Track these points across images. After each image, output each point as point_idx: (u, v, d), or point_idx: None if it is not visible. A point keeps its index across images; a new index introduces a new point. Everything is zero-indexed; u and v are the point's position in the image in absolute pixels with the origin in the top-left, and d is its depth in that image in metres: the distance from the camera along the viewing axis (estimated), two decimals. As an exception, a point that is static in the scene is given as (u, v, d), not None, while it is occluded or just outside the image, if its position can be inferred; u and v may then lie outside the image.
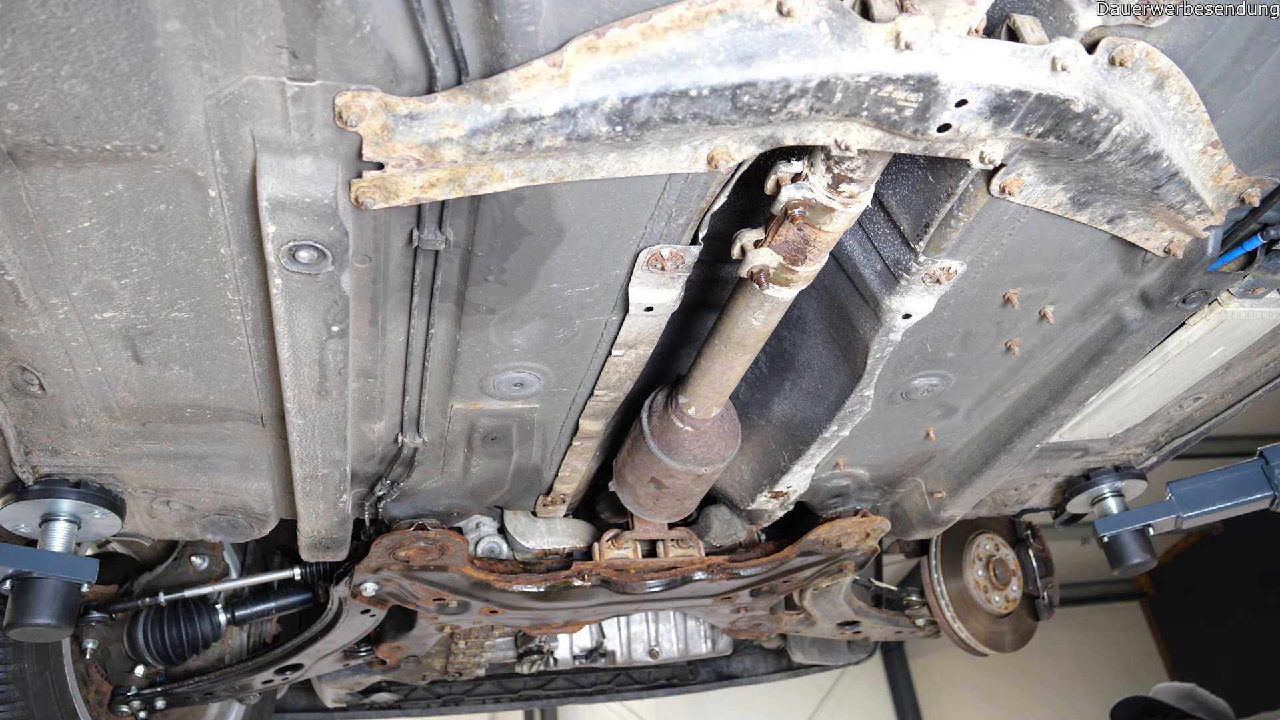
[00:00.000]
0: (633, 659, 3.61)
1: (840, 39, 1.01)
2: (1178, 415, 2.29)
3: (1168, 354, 1.88)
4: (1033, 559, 3.24)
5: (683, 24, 0.99)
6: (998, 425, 2.10)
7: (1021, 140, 1.16)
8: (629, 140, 1.06)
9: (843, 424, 1.86)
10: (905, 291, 1.49)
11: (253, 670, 2.70)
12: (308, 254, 1.16)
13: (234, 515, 1.91)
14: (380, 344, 1.52)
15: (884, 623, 3.37)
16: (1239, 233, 1.51)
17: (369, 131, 1.03)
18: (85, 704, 2.43)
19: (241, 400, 1.56)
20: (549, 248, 1.33)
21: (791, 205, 1.26)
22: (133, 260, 1.23)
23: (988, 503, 2.64)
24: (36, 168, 1.07)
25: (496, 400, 1.72)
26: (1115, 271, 1.64)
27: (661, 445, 1.89)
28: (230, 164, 1.09)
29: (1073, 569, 7.82)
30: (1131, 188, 1.31)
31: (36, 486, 1.70)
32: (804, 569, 2.68)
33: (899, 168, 1.39)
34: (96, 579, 1.87)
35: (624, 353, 1.63)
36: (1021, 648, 3.26)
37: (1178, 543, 8.47)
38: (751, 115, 1.05)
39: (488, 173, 1.10)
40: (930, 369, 1.84)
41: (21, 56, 0.92)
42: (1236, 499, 2.29)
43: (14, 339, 1.33)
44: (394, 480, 1.92)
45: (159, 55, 0.94)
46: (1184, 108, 1.23)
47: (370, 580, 2.28)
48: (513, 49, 0.99)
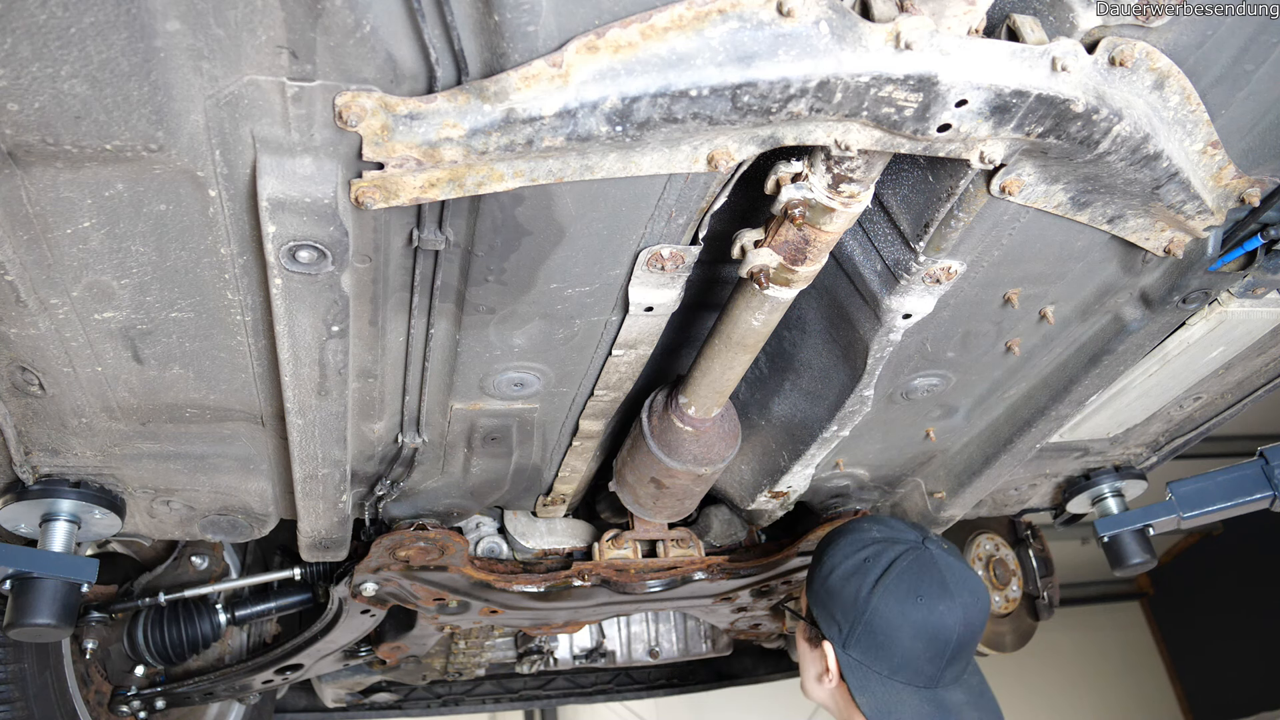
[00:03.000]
0: (633, 659, 3.61)
1: (840, 39, 1.01)
2: (1178, 415, 2.29)
3: (1168, 354, 1.88)
4: (1033, 559, 3.24)
5: (683, 24, 0.99)
6: (998, 425, 2.10)
7: (1021, 140, 1.16)
8: (629, 140, 1.06)
9: (843, 424, 1.86)
10: (905, 291, 1.49)
11: (253, 670, 2.70)
12: (308, 254, 1.16)
13: (234, 515, 1.91)
14: (380, 344, 1.52)
15: (884, 623, 3.36)
16: (1239, 233, 1.51)
17: (369, 131, 1.03)
18: (85, 704, 2.43)
19: (241, 400, 1.56)
20: (549, 248, 1.33)
21: (791, 205, 1.26)
22: (133, 260, 1.23)
23: (988, 503, 2.64)
24: (36, 168, 1.06)
25: (496, 400, 1.72)
26: (1115, 271, 1.64)
27: (661, 445, 1.89)
28: (230, 164, 1.09)
29: (1073, 569, 7.81)
30: (1131, 188, 1.31)
31: (36, 486, 1.70)
32: (804, 569, 2.68)
33: (899, 168, 1.39)
34: (96, 579, 1.87)
35: (624, 353, 1.63)
36: (1021, 648, 3.26)
37: (1178, 543, 8.46)
38: (751, 115, 1.05)
39: (488, 173, 1.10)
40: (930, 369, 1.84)
41: (21, 56, 0.92)
42: (1236, 499, 2.29)
43: (14, 339, 1.33)
44: (394, 480, 1.92)
45: (159, 55, 0.94)
46: (1184, 108, 1.23)
47: (370, 580, 2.28)
48: (513, 49, 0.99)
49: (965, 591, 1.68)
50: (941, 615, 1.65)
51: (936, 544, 1.77)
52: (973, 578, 1.73)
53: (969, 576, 1.73)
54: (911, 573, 1.69)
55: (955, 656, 1.66)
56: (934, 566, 1.70)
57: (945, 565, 1.71)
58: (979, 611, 1.69)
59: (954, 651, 1.65)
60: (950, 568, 1.71)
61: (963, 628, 1.65)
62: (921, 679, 1.65)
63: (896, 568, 1.69)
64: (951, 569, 1.71)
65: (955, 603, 1.66)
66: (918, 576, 1.68)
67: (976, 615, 1.69)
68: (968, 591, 1.69)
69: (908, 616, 1.65)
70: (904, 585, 1.67)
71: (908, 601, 1.65)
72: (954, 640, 1.64)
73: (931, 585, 1.67)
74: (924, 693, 1.65)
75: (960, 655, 1.67)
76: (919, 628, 1.64)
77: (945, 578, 1.68)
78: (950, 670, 1.66)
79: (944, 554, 1.74)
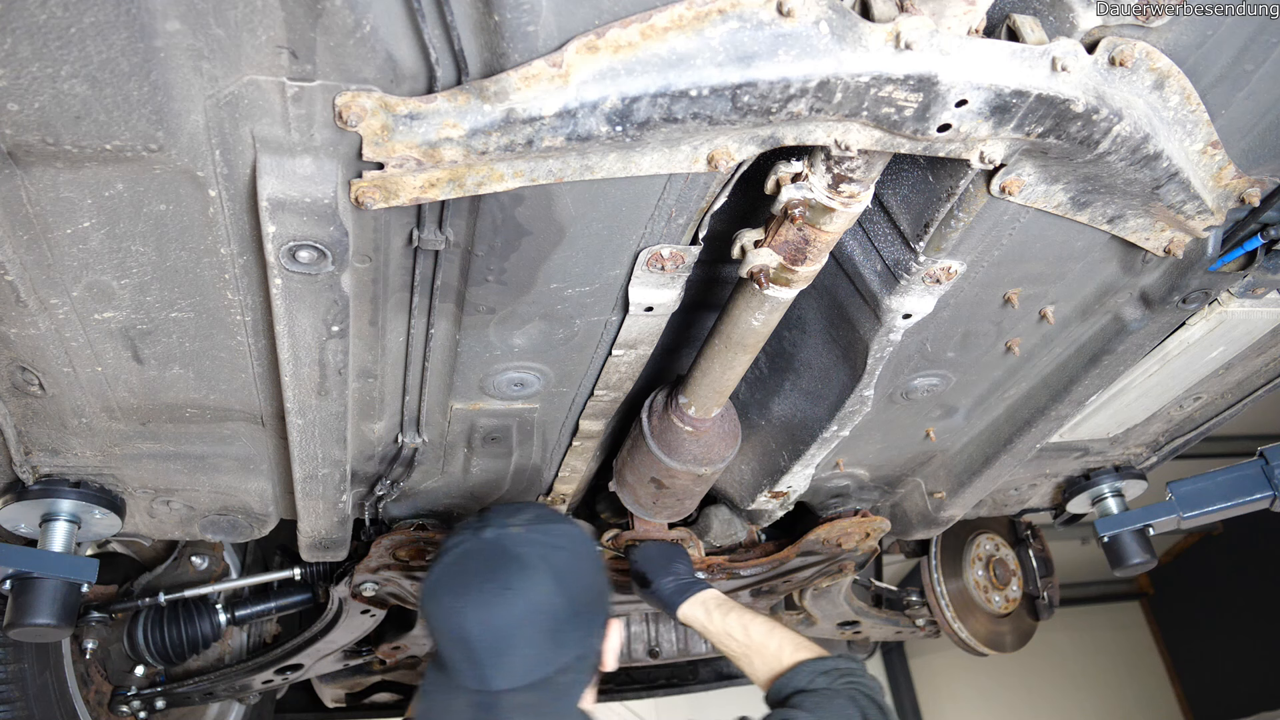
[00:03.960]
0: (633, 659, 3.60)
1: (840, 39, 1.01)
2: (1178, 415, 2.29)
3: (1168, 354, 1.88)
4: (1033, 559, 3.23)
5: (683, 24, 0.99)
6: (998, 425, 2.10)
7: (1021, 140, 1.16)
8: (629, 140, 1.06)
9: (843, 424, 1.86)
10: (905, 291, 1.49)
11: (253, 670, 2.70)
12: (308, 254, 1.16)
13: (234, 515, 1.91)
14: (380, 344, 1.52)
15: (884, 623, 3.37)
16: (1239, 233, 1.51)
17: (369, 131, 1.03)
18: (85, 704, 2.43)
19: (241, 400, 1.56)
20: (549, 248, 1.33)
21: (791, 205, 1.26)
22: (133, 260, 1.23)
23: (988, 503, 2.64)
24: (36, 168, 1.06)
25: (496, 400, 1.72)
26: (1115, 271, 1.64)
27: (661, 445, 1.89)
28: (230, 164, 1.09)
29: (1073, 569, 7.81)
30: (1131, 188, 1.31)
31: (36, 486, 1.70)
32: (804, 569, 2.68)
33: (899, 168, 1.39)
34: (96, 579, 1.87)
35: (624, 353, 1.63)
36: (1021, 648, 3.26)
37: (1178, 543, 8.46)
38: (751, 115, 1.05)
39: (488, 173, 1.10)
40: (930, 369, 1.84)
41: (21, 56, 0.92)
42: (1236, 499, 2.29)
43: (14, 339, 1.33)
44: (394, 480, 1.92)
45: (159, 55, 0.94)
46: (1184, 108, 1.23)
47: (370, 580, 2.28)
48: (513, 49, 0.99)
49: (494, 585, 1.51)
50: (454, 613, 1.51)
51: (499, 529, 1.59)
52: (524, 567, 1.53)
53: (522, 566, 1.54)
54: (452, 569, 1.57)
55: (487, 656, 1.48)
56: (476, 557, 1.56)
57: (490, 555, 1.56)
58: (504, 606, 1.49)
59: (482, 651, 1.48)
60: (495, 558, 1.55)
61: (480, 626, 1.48)
62: (471, 680, 1.50)
63: (440, 564, 1.59)
64: (497, 559, 1.55)
65: (467, 600, 1.50)
66: (457, 571, 1.56)
67: (500, 611, 1.49)
68: (496, 585, 1.51)
69: (433, 617, 1.54)
70: (441, 582, 1.56)
71: (433, 601, 1.54)
72: (472, 638, 1.48)
73: (462, 579, 1.54)
74: (473, 695, 1.49)
75: (494, 653, 1.48)
76: (441, 627, 1.52)
77: (489, 568, 1.53)
78: (491, 671, 1.48)
79: (497, 543, 1.57)
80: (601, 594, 1.67)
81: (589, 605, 1.60)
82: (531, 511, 1.69)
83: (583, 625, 1.57)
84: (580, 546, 1.66)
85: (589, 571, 1.65)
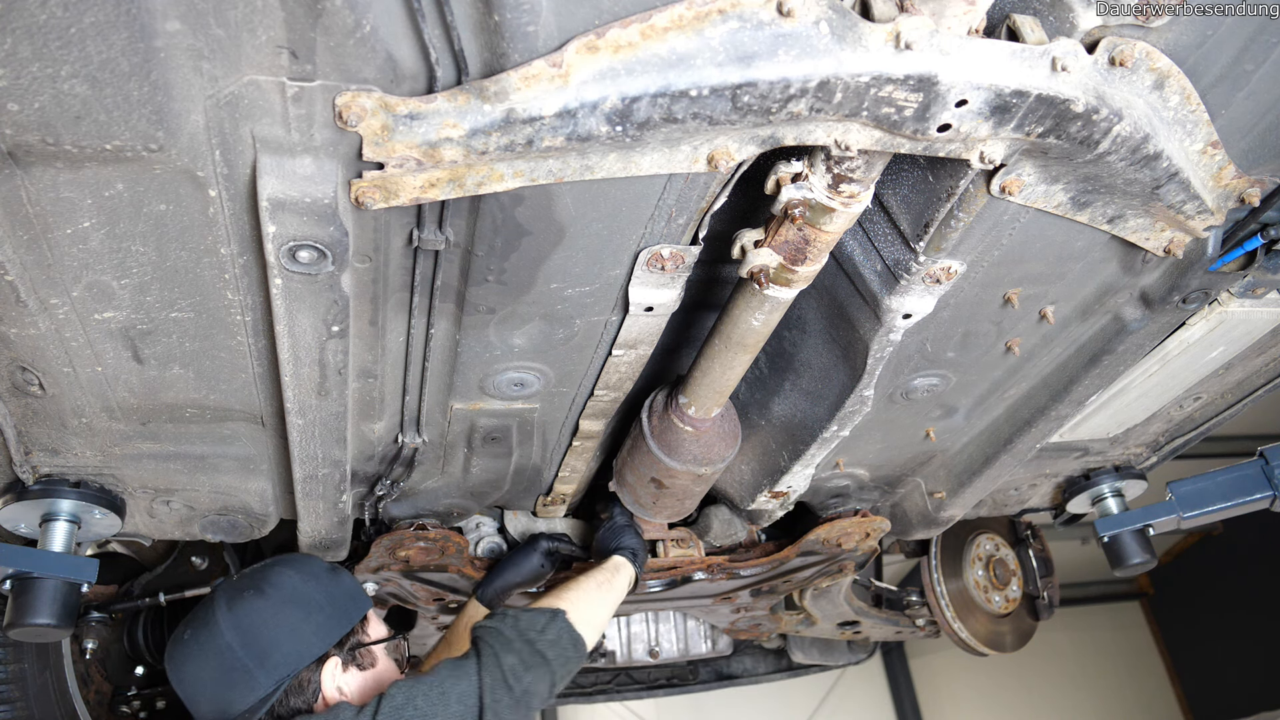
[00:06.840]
0: (633, 659, 3.61)
1: (840, 39, 1.01)
2: (1178, 415, 2.29)
3: (1168, 354, 1.88)
4: (1033, 559, 3.23)
5: (683, 24, 0.99)
6: (998, 425, 2.10)
7: (1021, 140, 1.16)
8: (629, 140, 1.06)
9: (843, 424, 1.86)
10: (905, 291, 1.49)
11: (253, 670, 2.69)
12: (308, 254, 1.16)
13: (234, 515, 1.91)
14: (380, 344, 1.52)
15: (884, 623, 3.37)
16: (1239, 233, 1.51)
17: (369, 131, 1.03)
18: (85, 704, 2.43)
19: (241, 400, 1.56)
20: (549, 248, 1.33)
21: (791, 205, 1.26)
22: (133, 260, 1.23)
23: (988, 503, 2.64)
24: (36, 168, 1.06)
25: (496, 400, 1.72)
26: (1115, 271, 1.64)
27: (661, 445, 1.89)
28: (230, 164, 1.09)
29: (1073, 569, 7.82)
30: (1131, 188, 1.31)
31: (36, 486, 1.70)
32: (804, 569, 2.68)
33: (899, 168, 1.39)
34: (96, 579, 1.87)
35: (624, 353, 1.63)
36: (1021, 648, 3.26)
37: (1178, 543, 8.47)
38: (751, 115, 1.05)
39: (488, 173, 1.10)
40: (930, 369, 1.84)
41: (21, 56, 0.92)
42: (1236, 499, 2.29)
43: (14, 339, 1.33)
44: (394, 480, 1.92)
45: (159, 55, 0.94)
46: (1184, 108, 1.23)
47: (370, 580, 2.28)
48: (513, 49, 0.99)
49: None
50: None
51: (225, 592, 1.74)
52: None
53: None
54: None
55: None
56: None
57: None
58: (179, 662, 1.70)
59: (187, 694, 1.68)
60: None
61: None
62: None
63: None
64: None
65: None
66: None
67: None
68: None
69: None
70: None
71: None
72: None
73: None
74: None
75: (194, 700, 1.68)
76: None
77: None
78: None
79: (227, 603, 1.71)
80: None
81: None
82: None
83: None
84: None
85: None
